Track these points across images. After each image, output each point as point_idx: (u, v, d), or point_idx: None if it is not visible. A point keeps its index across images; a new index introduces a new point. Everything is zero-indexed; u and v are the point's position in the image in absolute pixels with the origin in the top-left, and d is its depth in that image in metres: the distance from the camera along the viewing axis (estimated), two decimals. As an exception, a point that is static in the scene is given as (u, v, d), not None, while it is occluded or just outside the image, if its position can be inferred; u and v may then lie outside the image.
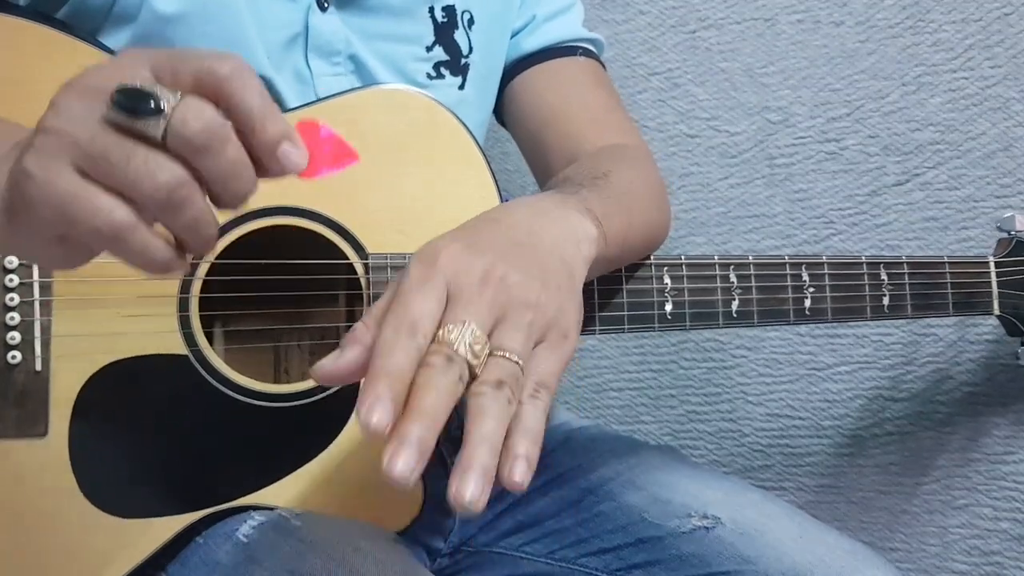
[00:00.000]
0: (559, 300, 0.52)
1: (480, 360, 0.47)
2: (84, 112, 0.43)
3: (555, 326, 0.51)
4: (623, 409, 1.20)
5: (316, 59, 0.75)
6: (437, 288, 0.48)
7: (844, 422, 1.15)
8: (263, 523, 0.66)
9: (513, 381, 0.47)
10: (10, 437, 0.64)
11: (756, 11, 1.14)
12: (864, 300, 0.81)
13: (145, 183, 0.42)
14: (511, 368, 0.47)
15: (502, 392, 0.46)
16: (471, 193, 0.73)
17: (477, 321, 0.48)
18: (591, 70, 0.88)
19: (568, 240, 0.57)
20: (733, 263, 0.76)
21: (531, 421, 0.47)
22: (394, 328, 0.46)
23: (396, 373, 0.45)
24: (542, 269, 0.52)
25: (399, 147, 0.72)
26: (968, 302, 0.86)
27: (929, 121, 1.10)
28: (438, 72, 0.81)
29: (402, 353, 0.45)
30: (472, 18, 0.83)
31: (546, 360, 0.50)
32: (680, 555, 0.70)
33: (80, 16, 0.69)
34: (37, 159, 0.43)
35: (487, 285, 0.49)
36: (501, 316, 0.49)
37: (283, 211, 0.69)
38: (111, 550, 0.66)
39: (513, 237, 0.54)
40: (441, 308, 0.48)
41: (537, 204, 0.59)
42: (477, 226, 0.55)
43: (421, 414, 0.44)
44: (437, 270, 0.49)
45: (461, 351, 0.46)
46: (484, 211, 0.58)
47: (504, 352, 0.48)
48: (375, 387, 0.44)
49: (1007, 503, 1.10)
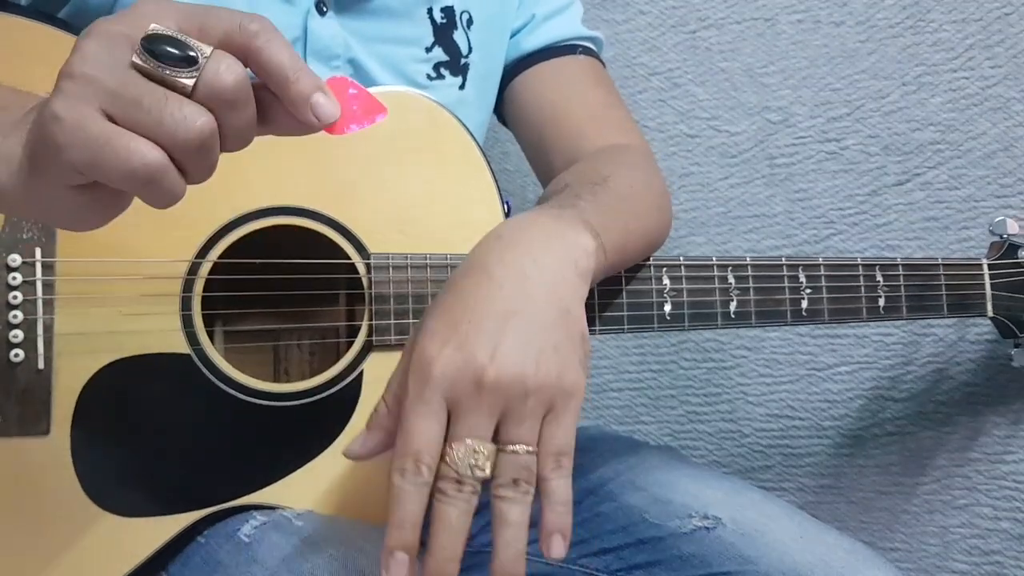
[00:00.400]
0: (558, 367, 0.54)
1: (490, 463, 0.52)
2: (111, 58, 0.42)
3: (558, 394, 0.53)
4: (623, 409, 1.20)
5: (315, 63, 0.75)
6: (435, 409, 0.52)
7: (844, 422, 1.15)
8: (265, 523, 0.67)
9: (527, 472, 0.52)
10: (12, 435, 0.64)
11: (756, 11, 1.14)
12: (860, 301, 0.82)
13: (180, 130, 0.42)
14: (524, 460, 0.52)
15: (519, 489, 0.51)
16: (471, 193, 0.74)
17: (478, 433, 0.52)
18: (591, 68, 0.88)
19: (566, 264, 0.58)
20: (731, 264, 0.77)
21: (560, 494, 0.52)
22: (399, 470, 0.51)
23: (411, 522, 0.51)
24: (536, 337, 0.54)
25: (400, 148, 0.72)
26: (962, 304, 0.87)
27: (929, 121, 1.10)
28: (438, 73, 0.81)
29: (413, 499, 0.51)
30: (471, 18, 0.83)
31: (558, 428, 0.53)
32: (681, 555, 0.70)
33: (81, 16, 0.69)
34: (65, 102, 0.42)
35: (482, 391, 0.52)
36: (504, 413, 0.52)
37: (285, 211, 0.69)
38: (113, 549, 0.66)
39: (504, 307, 0.55)
40: (442, 428, 0.52)
41: (534, 226, 0.60)
42: (465, 295, 0.55)
43: (441, 549, 0.51)
44: (433, 387, 0.52)
45: (467, 473, 0.51)
46: (477, 248, 0.59)
47: (513, 447, 0.52)
48: (392, 549, 0.51)
49: (1007, 503, 1.10)
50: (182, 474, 0.68)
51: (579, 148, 0.82)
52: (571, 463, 0.53)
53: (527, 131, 0.88)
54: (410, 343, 0.55)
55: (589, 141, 0.82)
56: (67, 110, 0.42)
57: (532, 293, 0.55)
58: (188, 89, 0.42)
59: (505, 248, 0.57)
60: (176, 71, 0.42)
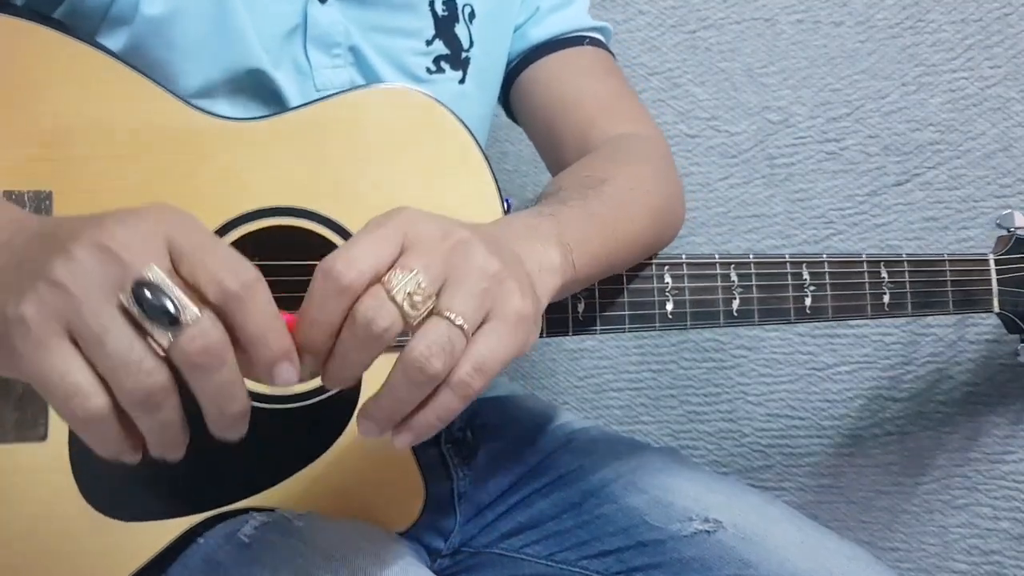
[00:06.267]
0: (521, 285, 0.49)
1: (418, 313, 0.45)
2: (98, 279, 0.42)
3: (513, 307, 0.48)
4: (623, 409, 1.20)
5: (315, 51, 0.74)
6: (391, 237, 0.46)
7: (844, 422, 1.15)
8: (265, 523, 0.66)
9: (447, 352, 0.45)
10: (10, 441, 0.64)
11: (756, 11, 1.14)
12: (864, 298, 0.81)
13: (128, 381, 0.41)
14: (451, 334, 0.45)
15: (432, 359, 0.44)
16: (471, 192, 0.73)
17: (425, 272, 0.45)
18: (599, 59, 0.87)
19: (531, 262, 0.55)
20: (734, 262, 0.76)
21: (443, 410, 0.46)
22: (326, 271, 0.45)
23: (323, 331, 0.45)
24: (507, 255, 0.50)
25: (399, 146, 0.72)
26: (968, 299, 0.86)
27: (929, 121, 1.10)
28: (438, 66, 0.80)
29: (331, 305, 0.45)
30: (473, 12, 0.82)
31: (496, 339, 0.47)
32: (681, 559, 0.70)
33: (77, 16, 0.68)
34: (38, 312, 0.41)
35: (446, 241, 0.47)
36: (455, 277, 0.46)
37: (282, 212, 0.69)
38: (112, 554, 0.66)
39: (480, 227, 0.52)
40: (392, 257, 0.46)
41: (506, 231, 0.57)
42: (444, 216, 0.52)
43: (331, 356, 0.46)
44: (395, 223, 0.47)
45: (400, 298, 0.45)
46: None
47: (449, 313, 0.45)
48: (297, 347, 0.45)
49: (1007, 503, 1.10)
50: (182, 478, 0.68)
51: (590, 139, 0.81)
52: (480, 388, 0.46)
53: (537, 125, 0.87)
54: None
55: (600, 131, 0.81)
56: (35, 323, 0.41)
57: (507, 246, 0.53)
58: (162, 346, 0.42)
59: (480, 224, 0.56)
60: (157, 327, 0.42)
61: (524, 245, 0.56)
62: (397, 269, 0.45)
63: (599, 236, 0.64)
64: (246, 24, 0.71)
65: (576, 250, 0.60)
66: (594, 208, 0.66)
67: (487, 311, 0.47)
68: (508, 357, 0.47)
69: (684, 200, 0.82)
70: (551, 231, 0.59)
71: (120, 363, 0.41)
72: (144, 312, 0.41)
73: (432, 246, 0.47)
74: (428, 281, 0.45)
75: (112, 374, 0.42)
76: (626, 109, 0.85)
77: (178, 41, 0.69)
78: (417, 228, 0.47)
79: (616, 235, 0.67)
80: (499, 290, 0.48)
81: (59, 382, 0.42)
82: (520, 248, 0.55)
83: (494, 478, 0.81)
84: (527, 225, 0.59)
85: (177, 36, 0.69)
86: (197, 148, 0.68)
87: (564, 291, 0.60)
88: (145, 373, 0.42)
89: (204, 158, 0.68)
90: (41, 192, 0.65)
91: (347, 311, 0.45)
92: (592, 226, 0.64)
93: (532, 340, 0.50)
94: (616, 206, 0.69)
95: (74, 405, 0.42)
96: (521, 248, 0.55)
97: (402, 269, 0.45)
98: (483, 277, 0.47)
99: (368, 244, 0.46)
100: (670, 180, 0.79)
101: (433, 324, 0.45)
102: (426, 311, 0.45)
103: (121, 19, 0.68)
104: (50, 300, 0.42)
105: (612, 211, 0.68)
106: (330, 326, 0.45)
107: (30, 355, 0.42)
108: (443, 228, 0.48)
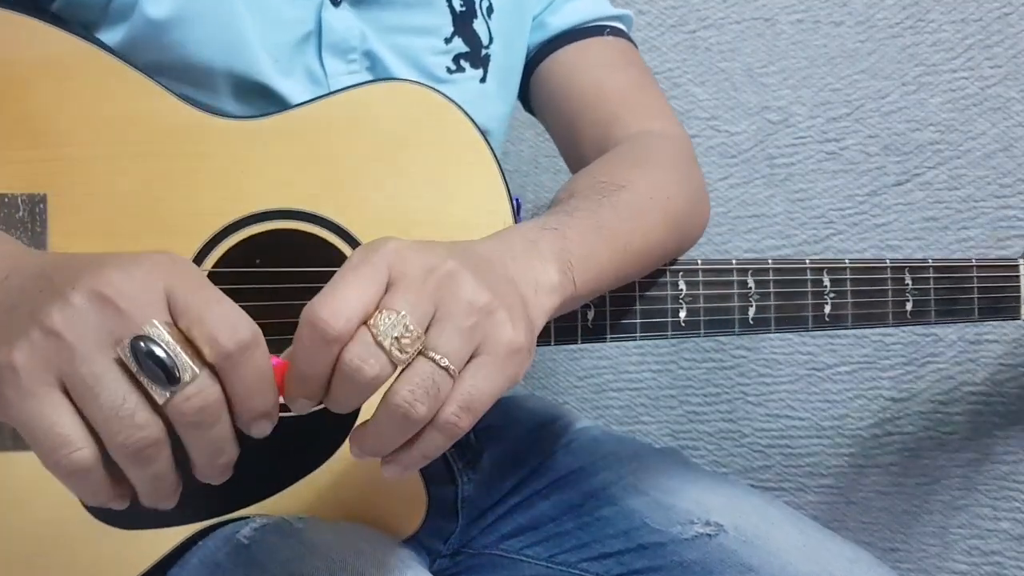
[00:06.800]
0: (512, 314, 0.47)
1: (407, 356, 0.44)
2: (95, 329, 0.41)
3: (503, 340, 0.46)
4: (623, 409, 1.20)
5: (331, 58, 0.72)
6: (375, 276, 0.45)
7: (844, 422, 1.15)
8: (264, 525, 0.66)
9: (432, 396, 0.44)
10: (8, 449, 0.63)
11: (756, 11, 1.14)
12: (887, 306, 0.78)
13: (120, 435, 0.41)
14: (436, 376, 0.44)
15: (417, 402, 0.44)
16: (479, 194, 0.70)
17: (412, 313, 0.44)
18: (620, 49, 0.85)
19: (526, 284, 0.54)
20: (751, 267, 0.73)
21: (430, 449, 0.46)
22: (312, 322, 0.44)
23: (313, 383, 0.45)
24: (497, 283, 0.49)
25: (404, 145, 0.69)
26: (994, 307, 0.83)
27: (929, 121, 1.10)
28: (458, 65, 0.78)
29: (320, 356, 0.44)
30: (491, 6, 0.79)
31: (484, 377, 0.46)
32: (682, 562, 0.70)
33: (74, 9, 0.66)
34: (30, 360, 0.41)
35: (432, 276, 0.46)
36: (442, 314, 0.46)
37: (284, 214, 0.68)
38: (113, 562, 0.65)
39: (471, 251, 0.51)
40: (377, 297, 0.45)
41: (504, 246, 0.55)
42: (432, 242, 0.52)
43: (325, 397, 0.46)
44: (380, 256, 0.46)
45: (386, 344, 0.44)
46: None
47: (435, 355, 0.45)
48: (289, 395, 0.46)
49: (1007, 503, 1.10)
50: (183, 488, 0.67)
51: (610, 136, 0.78)
52: (468, 426, 0.46)
53: (556, 119, 0.85)
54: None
55: (621, 128, 0.79)
56: (26, 372, 0.41)
57: (502, 267, 0.53)
58: (158, 404, 0.41)
59: (476, 241, 0.56)
60: (154, 383, 0.41)
61: (521, 264, 0.54)
62: (383, 312, 0.44)
63: (607, 250, 0.62)
64: (251, 33, 0.69)
65: (579, 266, 0.58)
66: (605, 219, 0.63)
67: (476, 346, 0.46)
68: (498, 392, 0.47)
69: (708, 200, 0.79)
70: (551, 247, 0.57)
71: (113, 415, 0.41)
72: (141, 368, 0.41)
73: (418, 282, 0.46)
74: (415, 322, 0.44)
75: (104, 426, 0.41)
76: (649, 104, 0.82)
77: (177, 45, 0.67)
78: (403, 263, 0.46)
79: (629, 247, 0.64)
80: (488, 323, 0.46)
81: (46, 432, 0.41)
82: (515, 268, 0.53)
83: (497, 482, 0.81)
84: (526, 240, 0.57)
85: (176, 41, 0.67)
86: (197, 147, 0.66)
87: (564, 309, 0.58)
88: (138, 427, 0.41)
89: (204, 158, 0.66)
90: (35, 195, 0.63)
91: (335, 359, 0.44)
92: (600, 239, 0.62)
93: (525, 368, 0.49)
94: (632, 216, 0.66)
95: (59, 457, 0.41)
96: (517, 268, 0.54)
97: (388, 311, 0.44)
98: (471, 312, 0.46)
99: (353, 286, 0.45)
100: (693, 182, 0.77)
101: (418, 366, 0.45)
102: (415, 352, 0.45)
103: (121, 14, 0.66)
104: (43, 348, 0.41)
105: (626, 222, 0.65)
106: (320, 377, 0.45)
107: (19, 404, 0.41)
108: (429, 261, 0.47)
